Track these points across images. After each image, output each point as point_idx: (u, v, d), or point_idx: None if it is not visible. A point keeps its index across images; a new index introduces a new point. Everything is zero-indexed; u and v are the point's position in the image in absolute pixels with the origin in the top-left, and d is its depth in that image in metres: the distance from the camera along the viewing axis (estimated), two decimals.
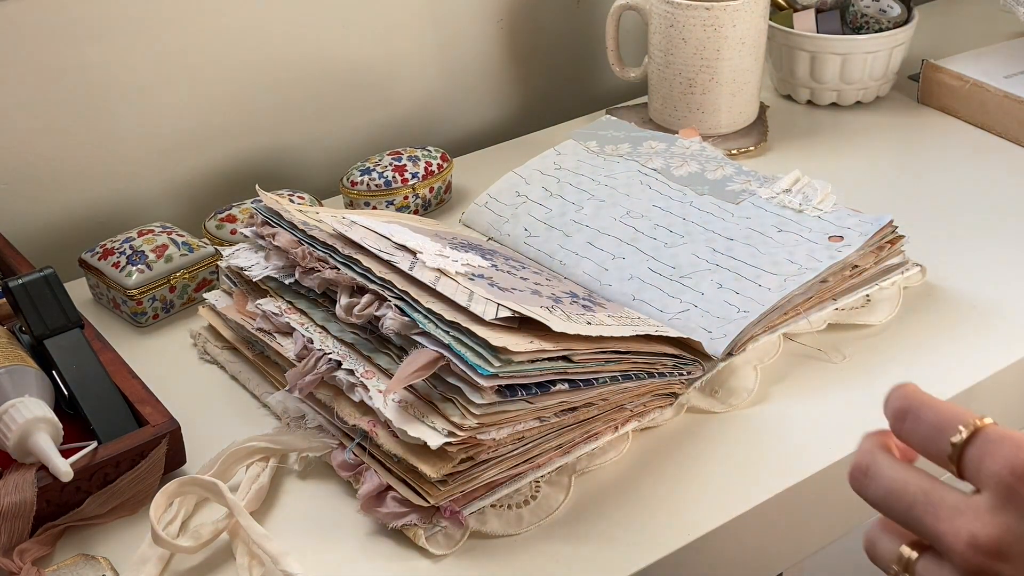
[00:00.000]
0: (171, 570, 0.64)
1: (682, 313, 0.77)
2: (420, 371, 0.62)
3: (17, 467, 0.66)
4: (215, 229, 0.90)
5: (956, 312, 0.82)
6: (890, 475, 0.40)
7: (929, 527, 0.38)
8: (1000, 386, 0.77)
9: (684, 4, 1.00)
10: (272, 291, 0.76)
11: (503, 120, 1.19)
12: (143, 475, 0.67)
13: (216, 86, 1.00)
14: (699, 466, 0.69)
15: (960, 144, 1.05)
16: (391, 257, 0.70)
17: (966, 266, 0.87)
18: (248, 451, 0.69)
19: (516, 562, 0.63)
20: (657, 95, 1.07)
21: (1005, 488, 0.37)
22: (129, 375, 0.73)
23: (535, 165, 0.94)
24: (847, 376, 0.76)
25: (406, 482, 0.64)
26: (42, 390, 0.69)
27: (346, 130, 1.09)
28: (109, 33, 0.93)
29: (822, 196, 0.86)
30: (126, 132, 0.97)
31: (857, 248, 0.79)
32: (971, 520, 0.37)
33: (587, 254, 0.84)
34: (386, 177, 0.95)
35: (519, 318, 0.65)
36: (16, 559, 0.62)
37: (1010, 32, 1.22)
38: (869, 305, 0.82)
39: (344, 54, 1.06)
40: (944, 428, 0.40)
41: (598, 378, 0.67)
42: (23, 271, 0.78)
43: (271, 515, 0.67)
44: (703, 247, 0.82)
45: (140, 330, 0.85)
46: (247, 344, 0.78)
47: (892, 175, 1.02)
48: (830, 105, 1.13)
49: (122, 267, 0.84)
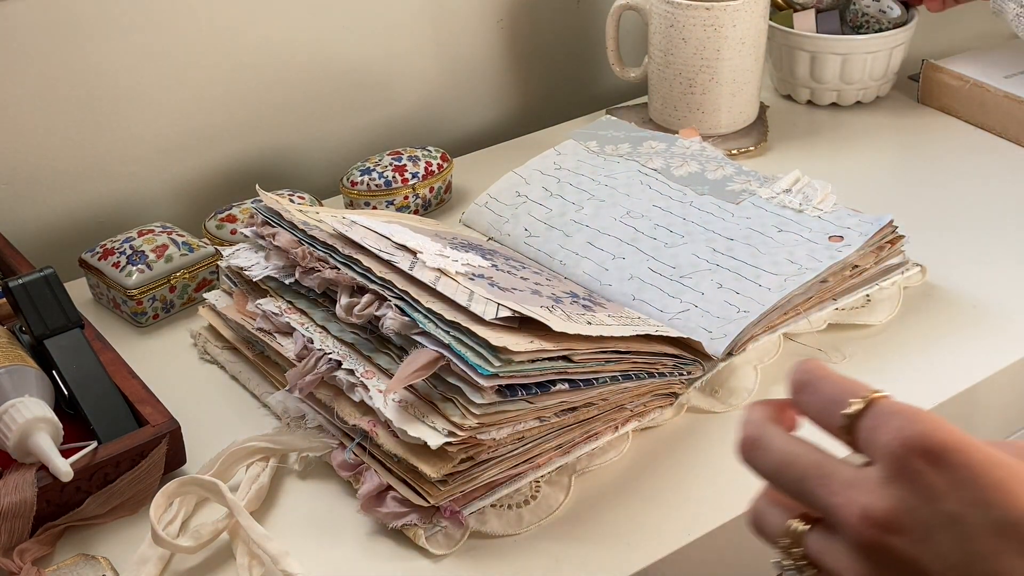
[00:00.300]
0: (171, 570, 0.64)
1: (682, 313, 0.77)
2: (420, 371, 0.62)
3: (17, 467, 0.66)
4: (215, 229, 0.90)
5: (956, 312, 0.82)
6: (781, 447, 0.40)
7: (821, 500, 0.38)
8: (1000, 386, 0.77)
9: (684, 4, 1.00)
10: (272, 291, 0.76)
11: (503, 120, 1.19)
12: (143, 475, 0.67)
13: (216, 86, 1.00)
14: (699, 466, 0.69)
15: (960, 144, 1.05)
16: (391, 257, 0.70)
17: (966, 266, 0.87)
18: (248, 451, 0.69)
19: (516, 562, 0.63)
20: (657, 95, 1.07)
21: (897, 460, 0.36)
22: (129, 375, 0.73)
23: (535, 165, 0.94)
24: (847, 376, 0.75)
25: (406, 482, 0.64)
26: (42, 390, 0.69)
27: (346, 130, 1.09)
28: (109, 33, 0.93)
29: (822, 196, 0.86)
30: (126, 132, 0.97)
31: (857, 248, 0.79)
32: (864, 493, 0.36)
33: (587, 254, 0.84)
34: (386, 177, 0.95)
35: (519, 318, 0.65)
36: (16, 559, 0.62)
37: (1010, 32, 1.22)
38: (869, 305, 0.82)
39: (344, 54, 1.06)
40: (839, 400, 0.39)
41: (598, 378, 0.67)
42: (23, 271, 0.78)
43: (271, 515, 0.67)
44: (703, 247, 0.82)
45: (140, 330, 0.85)
46: (247, 344, 0.78)
47: (892, 175, 1.02)
48: (830, 105, 1.13)
49: (122, 267, 0.84)
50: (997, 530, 0.34)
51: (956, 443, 0.35)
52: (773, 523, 0.40)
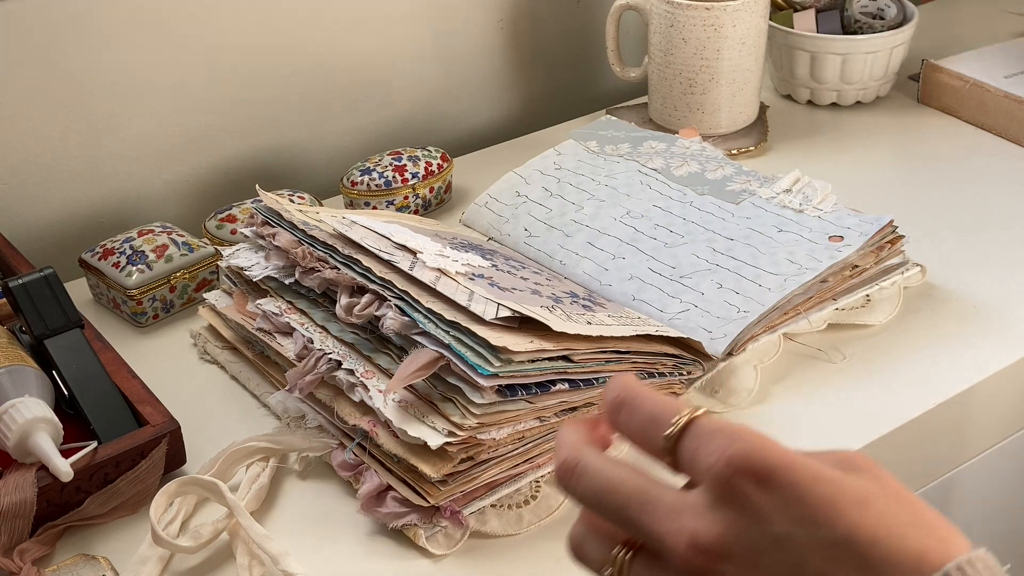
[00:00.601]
0: (171, 570, 0.64)
1: (682, 313, 0.77)
2: (420, 371, 0.62)
3: (17, 467, 0.66)
4: (215, 229, 0.90)
5: (956, 312, 0.82)
6: (602, 472, 0.38)
7: (646, 527, 0.36)
8: (1000, 386, 0.77)
9: (684, 4, 1.00)
10: (272, 291, 0.76)
11: (503, 120, 1.19)
12: (143, 475, 0.67)
13: (216, 86, 1.00)
14: None
15: (960, 144, 1.05)
16: (391, 257, 0.70)
17: (966, 266, 0.87)
18: (248, 451, 0.69)
19: (516, 562, 0.63)
20: (657, 95, 1.07)
21: (722, 482, 0.34)
22: (129, 375, 0.73)
23: (535, 165, 0.94)
24: (847, 376, 0.76)
25: (406, 482, 0.64)
26: (42, 390, 0.69)
27: (346, 130, 1.09)
28: (109, 33, 0.93)
29: (822, 196, 0.86)
30: (126, 132, 0.97)
31: (857, 248, 0.79)
32: (691, 519, 0.35)
33: (587, 254, 0.84)
34: (386, 177, 0.95)
35: (519, 318, 0.65)
36: (16, 559, 0.62)
37: (1010, 32, 1.22)
38: (869, 305, 0.82)
39: (344, 54, 1.06)
40: (658, 419, 0.37)
41: (598, 378, 0.67)
42: (23, 271, 0.78)
43: (271, 515, 0.67)
44: (703, 247, 0.82)
45: (140, 330, 0.85)
46: (247, 344, 0.78)
47: (892, 175, 1.03)
48: (830, 105, 1.13)
49: (122, 267, 0.84)
50: (827, 548, 0.33)
51: (780, 461, 0.34)
52: (595, 551, 0.38)
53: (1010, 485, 0.87)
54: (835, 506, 0.34)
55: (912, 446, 0.74)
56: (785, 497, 0.34)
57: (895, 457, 0.72)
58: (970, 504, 0.84)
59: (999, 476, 0.85)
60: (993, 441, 0.81)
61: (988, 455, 0.81)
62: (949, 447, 0.78)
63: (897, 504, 0.34)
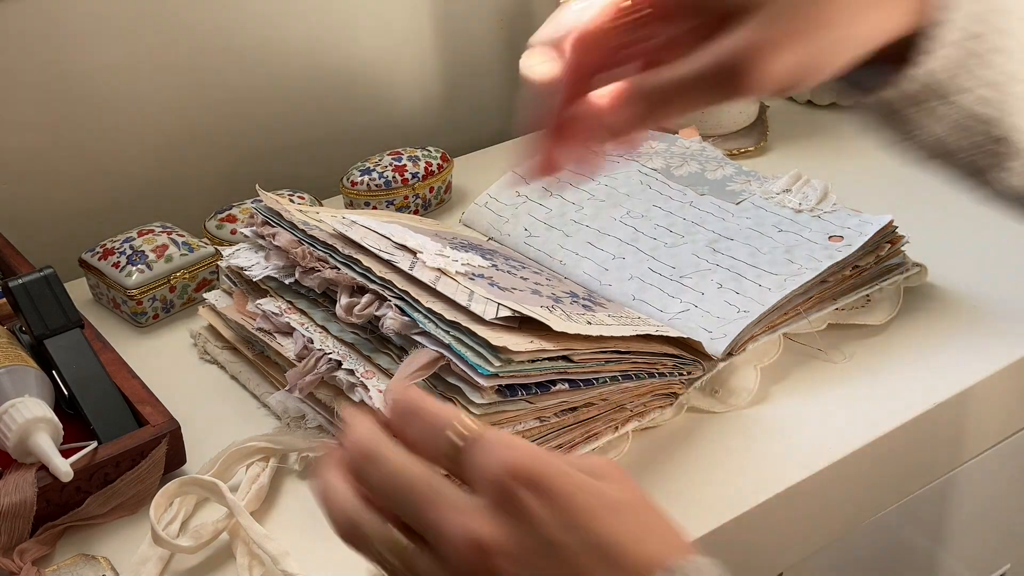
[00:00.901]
0: (171, 570, 0.63)
1: (682, 313, 0.77)
2: (420, 371, 0.62)
3: (17, 467, 0.66)
4: (215, 229, 0.90)
5: (956, 312, 0.82)
6: (396, 462, 0.40)
7: (429, 520, 0.39)
8: (1000, 386, 0.77)
9: None
10: (272, 291, 0.76)
11: (503, 120, 1.19)
12: (143, 475, 0.67)
13: (216, 86, 1.00)
14: (699, 466, 0.69)
15: None
16: (391, 257, 0.70)
17: (966, 266, 0.87)
18: (248, 451, 0.69)
19: None
20: None
21: (500, 488, 0.38)
22: (129, 375, 0.73)
23: None
24: (847, 376, 0.76)
25: None
26: (42, 390, 0.69)
27: (346, 130, 1.09)
28: (109, 33, 0.93)
29: (822, 196, 0.86)
30: (126, 132, 0.97)
31: (857, 248, 0.79)
32: (471, 518, 0.38)
33: (587, 254, 0.84)
34: (386, 177, 0.95)
35: (519, 318, 0.65)
36: (16, 559, 0.62)
37: None
38: (869, 305, 0.82)
39: (344, 54, 1.06)
40: (441, 427, 0.40)
41: (598, 378, 0.67)
42: (23, 271, 0.78)
43: (271, 515, 0.67)
44: (703, 247, 0.82)
45: (140, 330, 0.85)
46: (247, 344, 0.78)
47: (892, 175, 1.02)
48: (830, 105, 1.12)
49: (122, 267, 0.84)
50: (589, 551, 0.37)
51: (547, 471, 0.38)
52: (372, 530, 0.40)
53: (1010, 485, 0.87)
54: (593, 512, 0.38)
55: (912, 446, 0.74)
56: (553, 503, 0.38)
57: (895, 457, 0.72)
58: (970, 504, 0.84)
59: (999, 476, 0.85)
60: (993, 441, 0.81)
61: (988, 455, 0.81)
62: (949, 447, 0.78)
63: (639, 512, 0.39)
